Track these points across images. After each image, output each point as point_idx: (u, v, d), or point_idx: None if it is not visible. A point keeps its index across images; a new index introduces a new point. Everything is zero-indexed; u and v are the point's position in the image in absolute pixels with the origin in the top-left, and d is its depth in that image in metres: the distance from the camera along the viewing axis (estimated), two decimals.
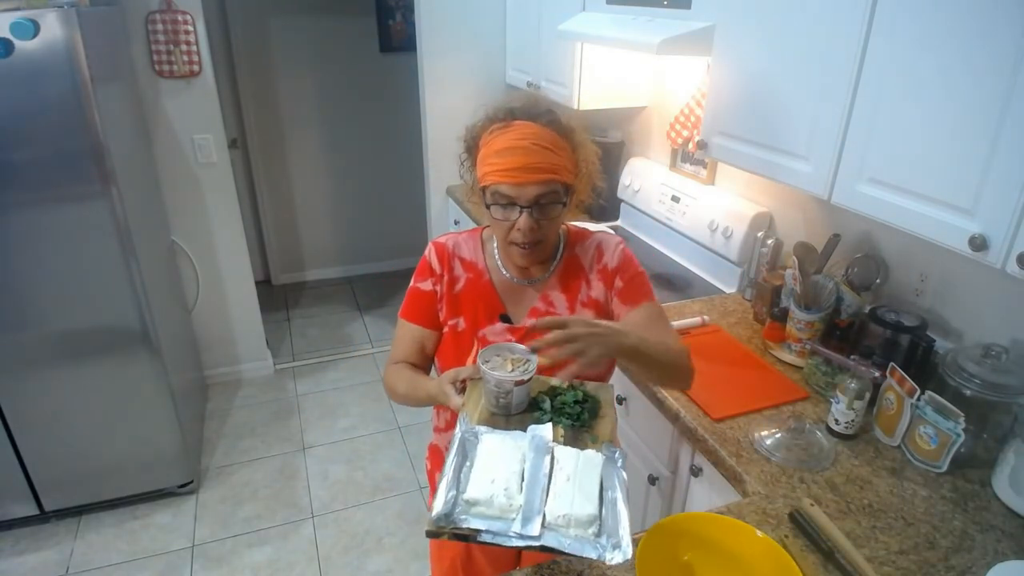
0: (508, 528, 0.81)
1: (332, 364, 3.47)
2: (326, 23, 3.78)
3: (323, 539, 2.33)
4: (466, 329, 1.16)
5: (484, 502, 0.83)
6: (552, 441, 0.94)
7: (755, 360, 1.60)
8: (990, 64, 0.97)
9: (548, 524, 0.82)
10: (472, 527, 0.81)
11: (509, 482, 0.85)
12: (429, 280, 1.19)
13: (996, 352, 1.23)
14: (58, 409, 2.19)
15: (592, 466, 0.90)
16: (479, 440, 0.93)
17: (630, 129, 2.65)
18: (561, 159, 1.04)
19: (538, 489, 0.85)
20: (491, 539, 0.80)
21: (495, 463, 0.88)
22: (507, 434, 0.95)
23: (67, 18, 1.81)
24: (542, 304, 1.17)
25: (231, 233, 2.99)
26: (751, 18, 1.46)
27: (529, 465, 0.89)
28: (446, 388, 1.04)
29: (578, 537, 0.81)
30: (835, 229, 1.62)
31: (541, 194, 1.03)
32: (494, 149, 1.03)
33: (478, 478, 0.86)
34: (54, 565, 2.20)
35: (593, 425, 1.00)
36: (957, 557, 1.04)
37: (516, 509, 0.83)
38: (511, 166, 1.01)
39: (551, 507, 0.83)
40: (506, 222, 1.06)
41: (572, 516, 0.81)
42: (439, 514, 0.81)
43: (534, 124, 1.04)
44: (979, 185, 1.01)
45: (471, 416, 0.99)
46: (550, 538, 0.80)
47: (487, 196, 1.06)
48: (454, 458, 0.89)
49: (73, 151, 1.94)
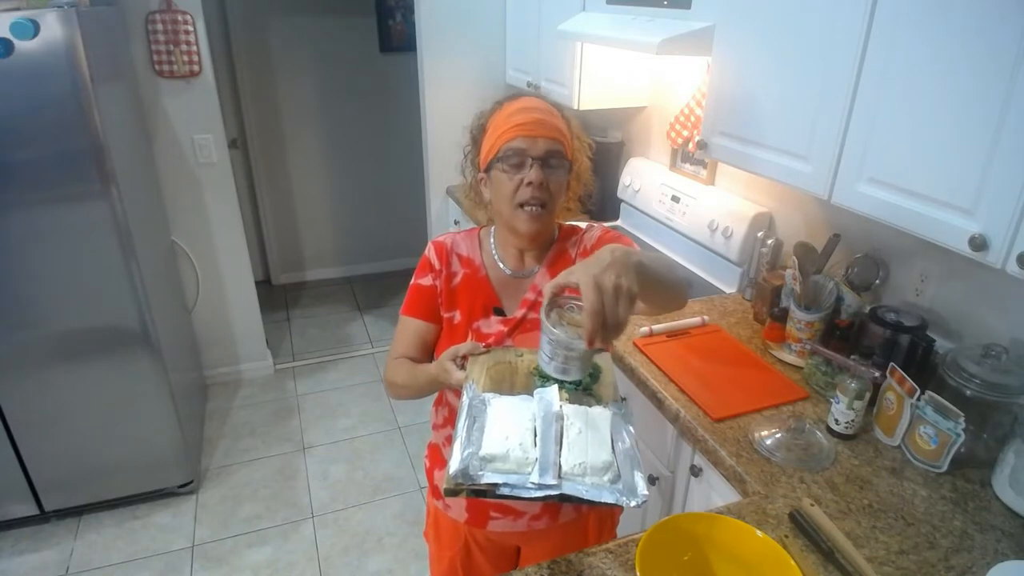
0: (526, 480, 0.82)
1: (332, 364, 3.47)
2: (326, 23, 3.78)
3: (323, 539, 2.33)
4: (461, 322, 1.19)
5: (500, 457, 0.83)
6: (558, 401, 0.95)
7: (755, 360, 1.60)
8: (990, 63, 0.97)
9: (564, 474, 0.82)
10: (490, 482, 0.82)
11: (523, 437, 0.86)
12: (429, 276, 1.21)
13: (996, 352, 1.23)
14: (58, 409, 2.19)
15: (602, 420, 0.91)
16: (488, 404, 0.94)
17: (630, 129, 2.65)
18: (565, 129, 1.13)
19: (551, 442, 0.86)
20: (510, 492, 0.81)
21: (507, 422, 0.89)
22: (515, 397, 0.96)
23: (67, 18, 1.81)
24: (531, 293, 1.19)
25: (231, 233, 2.99)
26: (751, 18, 1.46)
27: (540, 422, 0.90)
28: (446, 365, 1.05)
29: (595, 484, 0.82)
30: (835, 229, 1.62)
31: (550, 150, 1.09)
32: (506, 114, 1.12)
33: (492, 436, 0.87)
34: (54, 565, 2.20)
35: (595, 389, 1.01)
36: (957, 557, 1.04)
37: (532, 462, 0.83)
38: (524, 120, 1.08)
39: (566, 457, 0.84)
40: (516, 178, 1.09)
41: (588, 464, 0.83)
42: (457, 471, 0.82)
43: (542, 100, 1.15)
44: (979, 185, 1.01)
45: (477, 384, 0.99)
46: (568, 487, 0.81)
47: (498, 162, 1.10)
48: (465, 420, 0.90)
49: (73, 151, 1.94)
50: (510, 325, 1.17)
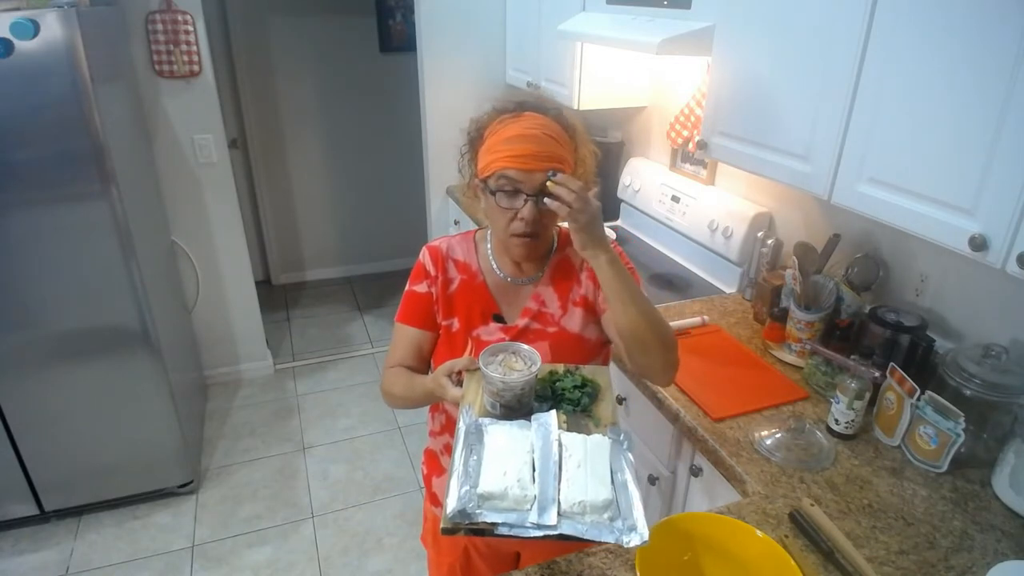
0: (525, 519, 0.81)
1: (332, 364, 3.47)
2: (326, 23, 3.78)
3: (323, 539, 2.33)
4: (460, 330, 1.17)
5: (498, 495, 0.82)
6: (557, 428, 0.94)
7: (755, 360, 1.60)
8: (990, 63, 0.97)
9: (564, 512, 0.82)
10: (488, 521, 0.81)
11: (521, 472, 0.85)
12: (424, 283, 1.19)
13: (996, 352, 1.23)
14: (58, 409, 2.19)
15: (601, 450, 0.90)
16: (485, 432, 0.93)
17: (630, 129, 2.65)
18: (565, 153, 1.06)
19: (550, 478, 0.85)
20: (508, 532, 0.80)
21: (505, 454, 0.88)
22: (512, 424, 0.95)
23: (67, 18, 1.81)
24: (534, 303, 1.17)
25: (231, 233, 2.99)
26: (751, 18, 1.46)
27: (539, 454, 0.88)
28: (442, 381, 1.04)
29: (594, 523, 0.81)
30: (835, 229, 1.62)
31: (546, 181, 1.04)
32: (504, 137, 1.05)
33: (489, 471, 0.85)
34: (54, 565, 2.20)
35: (593, 409, 1.01)
36: (957, 557, 1.04)
37: (531, 500, 0.82)
38: (521, 152, 1.02)
39: (565, 495, 0.83)
40: (509, 211, 1.06)
41: (587, 503, 0.82)
42: (454, 511, 0.80)
43: (543, 116, 1.07)
44: (979, 185, 1.01)
45: (473, 407, 0.98)
46: (567, 526, 0.80)
47: (491, 183, 1.06)
48: (462, 451, 0.89)
49: (73, 151, 1.94)
50: (511, 333, 1.15)
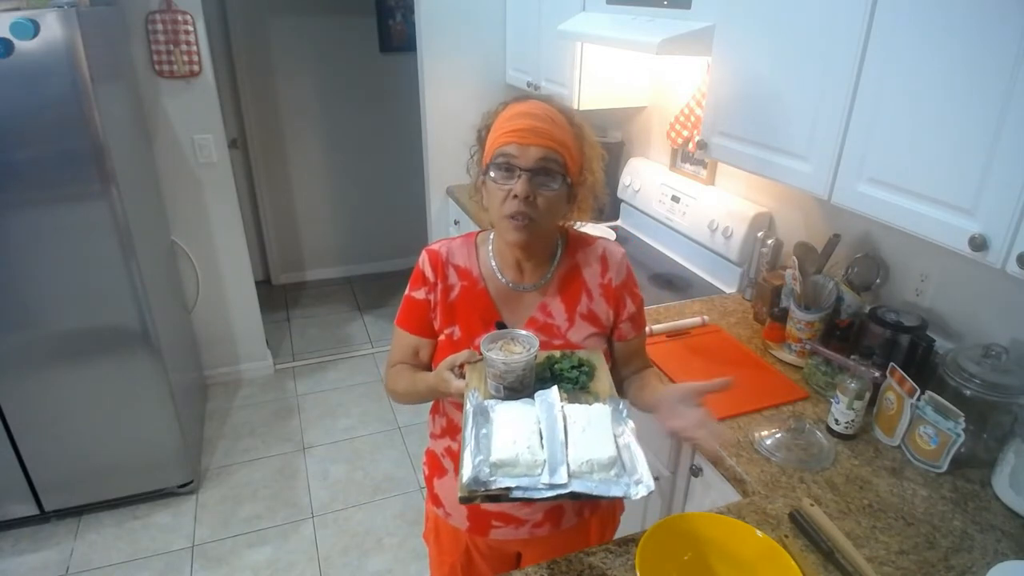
0: (537, 482, 0.85)
1: (332, 364, 3.47)
2: (326, 23, 3.78)
3: (323, 539, 2.33)
4: (462, 338, 1.15)
5: (511, 462, 0.86)
6: (559, 401, 0.98)
7: (755, 360, 1.60)
8: (990, 63, 0.97)
9: (573, 472, 0.86)
10: (503, 486, 0.85)
11: (531, 440, 0.89)
12: (423, 289, 1.17)
13: (996, 352, 1.23)
14: (58, 409, 2.19)
15: (603, 417, 0.95)
16: (491, 411, 0.97)
17: (630, 129, 2.65)
18: (566, 139, 1.07)
19: (557, 443, 0.89)
20: (522, 494, 0.84)
21: (513, 425, 0.92)
22: (516, 402, 0.99)
23: (67, 18, 1.81)
24: (540, 314, 1.15)
25: (231, 233, 2.99)
26: (751, 18, 1.46)
27: (545, 424, 0.93)
28: (445, 375, 1.05)
29: (602, 480, 0.86)
30: (835, 229, 1.62)
31: (542, 158, 1.03)
32: (507, 116, 1.08)
33: (500, 440, 0.90)
34: (54, 565, 2.20)
35: (591, 386, 1.04)
36: (957, 557, 1.04)
37: (541, 464, 0.87)
38: (519, 127, 1.04)
39: (573, 456, 0.88)
40: (504, 190, 1.05)
41: (594, 461, 0.87)
42: (470, 478, 0.84)
43: (549, 103, 1.10)
44: (979, 185, 1.01)
45: (479, 391, 1.01)
46: (577, 484, 0.85)
47: (491, 165, 1.06)
48: (472, 427, 0.92)
49: (73, 151, 1.94)
50: None
